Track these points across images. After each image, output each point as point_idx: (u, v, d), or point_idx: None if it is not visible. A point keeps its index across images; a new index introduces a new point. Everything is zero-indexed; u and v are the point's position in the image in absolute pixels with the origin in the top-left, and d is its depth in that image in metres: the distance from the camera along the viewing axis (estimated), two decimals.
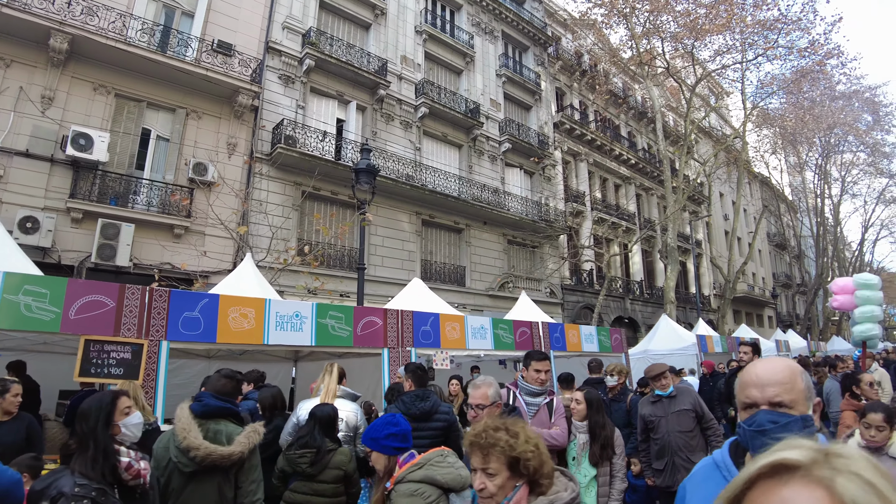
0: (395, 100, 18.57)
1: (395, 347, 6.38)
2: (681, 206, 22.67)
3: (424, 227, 18.80)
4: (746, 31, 22.50)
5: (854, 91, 31.55)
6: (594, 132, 26.81)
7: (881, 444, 3.45)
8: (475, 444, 1.93)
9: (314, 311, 5.87)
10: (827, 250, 37.50)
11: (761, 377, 1.53)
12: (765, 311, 40.73)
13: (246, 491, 3.07)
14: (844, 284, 6.43)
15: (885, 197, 39.80)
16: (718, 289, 32.05)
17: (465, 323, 7.23)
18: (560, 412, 4.39)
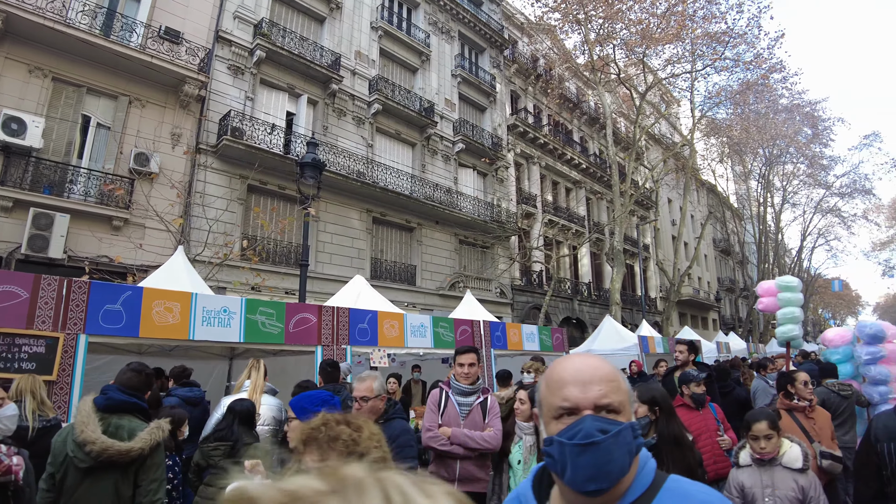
0: (347, 95, 18.37)
1: (330, 345, 6.28)
2: (628, 210, 23.16)
3: (375, 225, 18.66)
4: (696, 42, 23.19)
5: (796, 105, 32.84)
6: (547, 136, 27.14)
7: (773, 454, 3.27)
8: (312, 438, 1.69)
9: (243, 306, 5.71)
10: (768, 256, 38.93)
11: (583, 372, 1.16)
12: (709, 314, 42.10)
13: (145, 490, 2.94)
14: (768, 287, 6.59)
15: (822, 207, 41.59)
16: (664, 292, 32.87)
17: (405, 321, 7.18)
18: (495, 412, 4.22)
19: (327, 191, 16.72)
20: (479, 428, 4.08)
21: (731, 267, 47.98)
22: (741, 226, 46.09)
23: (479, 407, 4.18)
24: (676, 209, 38.69)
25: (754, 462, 3.35)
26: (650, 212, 33.20)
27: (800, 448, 3.29)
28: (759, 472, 3.31)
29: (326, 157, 16.44)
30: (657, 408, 3.18)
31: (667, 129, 41.09)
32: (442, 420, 4.09)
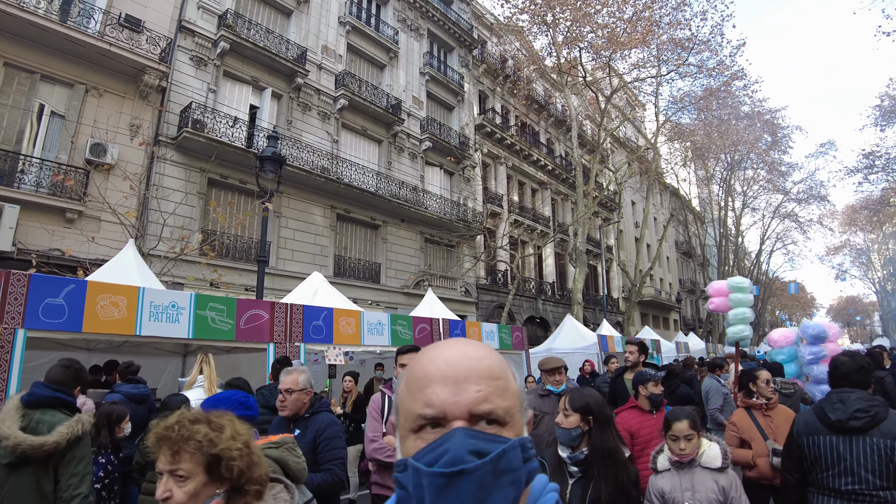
0: (313, 89, 18.15)
1: (283, 342, 6.18)
2: (591, 211, 23.44)
3: (339, 222, 18.49)
4: (662, 47, 23.60)
5: (756, 112, 33.71)
6: (514, 137, 27.29)
7: (692, 456, 3.10)
8: (165, 438, 1.51)
9: (193, 301, 5.58)
10: (728, 259, 39.91)
11: (456, 365, 0.81)
12: (670, 315, 43.01)
13: (65, 484, 2.86)
14: (719, 287, 6.66)
15: (780, 212, 42.93)
16: (626, 292, 33.37)
17: (362, 318, 7.11)
18: None
19: (290, 186, 16.52)
20: None
21: (693, 269, 49.03)
22: (702, 229, 47.12)
23: None
24: (640, 211, 39.31)
25: (673, 465, 3.19)
26: (613, 213, 33.68)
27: (718, 447, 3.15)
28: (678, 475, 3.16)
29: (290, 152, 16.23)
30: (591, 417, 2.75)
31: (632, 132, 41.74)
32: (386, 428, 3.80)
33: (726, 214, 40.28)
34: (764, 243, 45.30)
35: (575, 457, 2.69)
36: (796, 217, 43.21)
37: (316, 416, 3.51)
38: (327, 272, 17.00)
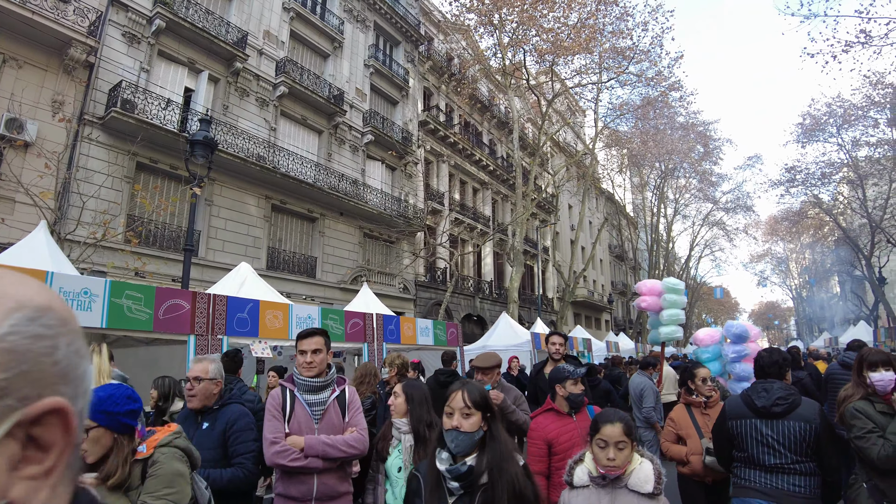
0: (252, 75, 17.58)
1: (204, 334, 5.88)
2: (529, 212, 23.73)
3: (274, 213, 17.96)
4: (604, 55, 24.08)
5: (691, 124, 34.95)
6: (457, 135, 27.33)
7: (621, 471, 2.53)
8: None
9: (107, 288, 5.22)
10: (659, 263, 41.33)
11: None
12: (602, 315, 44.36)
13: None
14: (652, 286, 6.74)
15: (709, 220, 44.85)
16: (561, 292, 34.02)
17: (290, 312, 6.86)
18: (356, 406, 3.48)
19: (224, 174, 15.95)
20: (338, 431, 3.32)
21: (625, 271, 50.55)
22: (635, 233, 48.63)
23: (336, 403, 3.39)
24: (576, 214, 40.17)
25: (593, 481, 2.61)
26: (551, 216, 34.24)
27: (651, 467, 2.56)
28: (598, 494, 2.58)
29: (225, 138, 15.66)
30: (489, 414, 2.27)
31: (572, 137, 42.62)
32: (289, 427, 3.26)
33: (658, 220, 41.71)
34: (693, 249, 47.27)
35: (456, 470, 2.15)
36: (724, 225, 45.31)
37: (226, 408, 3.35)
38: (260, 264, 16.51)
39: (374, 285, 20.15)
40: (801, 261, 62.86)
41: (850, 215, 37.57)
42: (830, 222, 37.28)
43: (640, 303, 6.75)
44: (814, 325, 63.14)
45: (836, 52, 17.70)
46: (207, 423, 3.28)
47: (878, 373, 3.41)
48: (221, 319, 6.03)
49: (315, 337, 3.37)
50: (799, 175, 32.97)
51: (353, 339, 7.79)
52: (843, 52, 17.63)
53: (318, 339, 3.37)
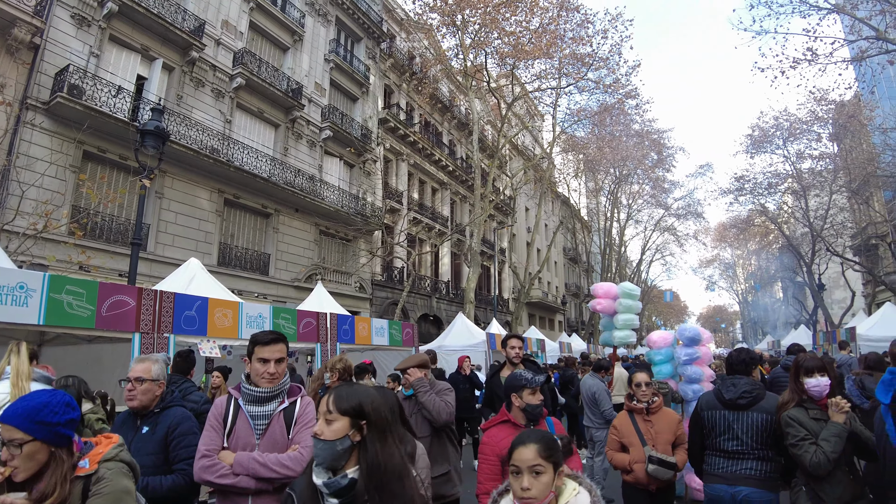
0: (208, 65, 17.11)
1: (150, 332, 5.66)
2: (487, 214, 23.85)
3: (227, 208, 17.52)
4: (563, 60, 24.39)
5: (646, 131, 35.79)
6: (417, 135, 27.24)
7: (539, 502, 2.03)
8: None
9: (46, 283, 4.96)
10: (612, 266, 42.27)
11: None
12: (556, 316, 45.17)
13: None
14: (608, 289, 6.81)
15: (660, 225, 46.11)
16: (516, 293, 34.35)
17: (240, 310, 6.67)
18: (305, 421, 2.98)
19: (175, 166, 15.48)
20: (281, 447, 2.88)
21: (578, 274, 51.52)
22: (589, 237, 49.59)
23: (282, 417, 2.97)
24: (532, 217, 40.69)
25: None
26: (508, 217, 34.53)
27: (589, 498, 2.12)
28: None
29: (178, 129, 15.19)
30: (364, 422, 1.98)
31: (530, 141, 43.13)
32: (229, 441, 2.89)
33: (612, 225, 42.63)
34: (644, 253, 48.66)
35: (335, 483, 1.89)
36: (675, 231, 46.64)
37: (168, 412, 3.17)
38: (211, 260, 16.10)
39: (330, 284, 19.89)
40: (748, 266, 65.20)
41: (794, 224, 39.09)
42: (775, 230, 38.68)
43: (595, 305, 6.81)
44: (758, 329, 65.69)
45: (785, 68, 18.36)
46: (147, 427, 3.12)
47: (814, 378, 3.51)
48: (168, 317, 5.82)
49: (279, 344, 2.99)
50: (747, 184, 34.07)
51: (306, 339, 7.64)
52: (790, 68, 18.27)
53: (282, 347, 3.00)
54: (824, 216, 31.47)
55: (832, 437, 3.22)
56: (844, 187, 30.25)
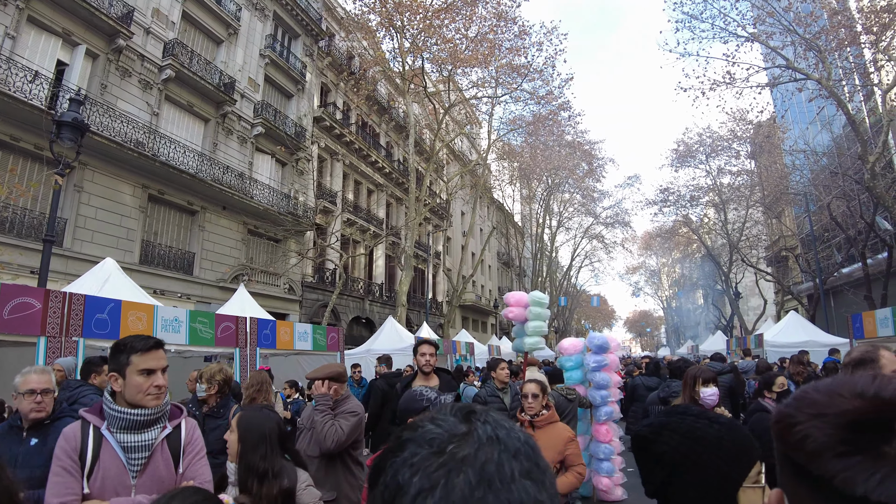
0: (136, 54, 16.48)
1: (58, 336, 5.47)
2: (422, 217, 23.99)
3: (151, 204, 16.92)
4: (500, 70, 24.81)
5: (577, 142, 36.82)
6: (353, 135, 27.08)
7: None
8: None
9: None
10: (542, 271, 43.34)
11: None
12: (489, 319, 45.95)
13: None
14: (519, 298, 7.02)
15: (589, 233, 47.68)
16: (450, 296, 34.67)
17: (155, 313, 6.53)
18: (196, 447, 2.51)
19: (97, 158, 14.86)
20: (167, 485, 2.33)
21: (511, 277, 52.49)
22: (522, 242, 50.64)
23: (166, 446, 2.41)
24: (467, 221, 41.17)
25: None
26: (444, 221, 34.80)
27: None
28: None
29: (101, 120, 14.58)
30: None
31: (467, 147, 43.66)
32: (91, 484, 2.25)
33: (543, 231, 43.78)
34: (574, 259, 50.23)
35: None
36: (603, 238, 48.28)
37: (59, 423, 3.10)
38: (132, 258, 15.54)
39: (258, 285, 19.54)
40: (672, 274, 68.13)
41: (714, 235, 41.24)
42: (697, 240, 40.54)
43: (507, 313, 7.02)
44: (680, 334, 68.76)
45: (705, 89, 19.32)
46: (37, 440, 3.06)
47: (709, 388, 3.83)
48: (78, 320, 5.64)
49: (161, 349, 2.42)
50: (671, 196, 35.68)
51: (224, 344, 7.54)
52: (710, 90, 19.27)
53: (159, 355, 2.42)
54: (741, 229, 33.42)
55: None
56: (760, 202, 32.16)
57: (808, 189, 25.19)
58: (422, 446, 0.56)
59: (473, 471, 0.52)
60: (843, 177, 22.13)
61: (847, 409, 0.58)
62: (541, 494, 0.53)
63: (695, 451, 1.11)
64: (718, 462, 1.16)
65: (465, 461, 0.53)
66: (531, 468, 0.55)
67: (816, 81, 17.36)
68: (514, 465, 0.54)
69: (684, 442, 1.12)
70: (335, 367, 4.02)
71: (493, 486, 0.51)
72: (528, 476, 0.53)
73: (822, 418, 0.59)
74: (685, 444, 1.11)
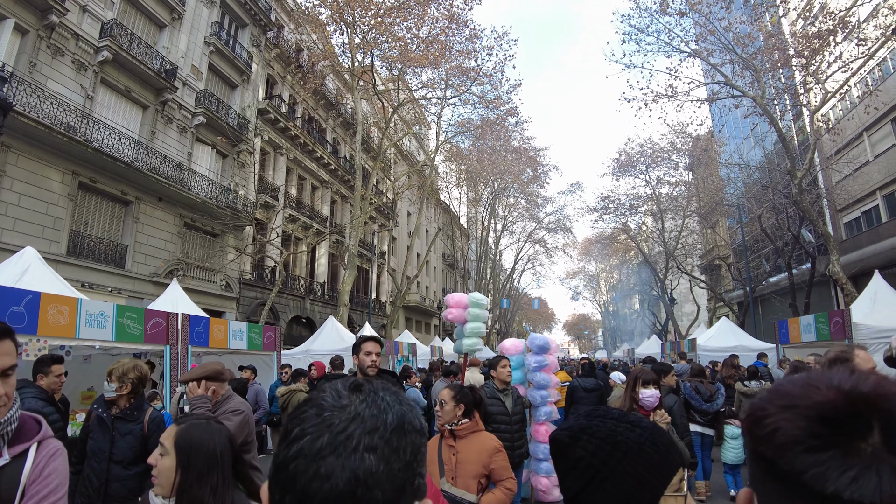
0: (71, 33, 15.57)
1: None
2: (367, 215, 23.72)
3: (81, 192, 16.03)
4: (450, 72, 24.82)
5: (523, 148, 37.28)
6: (299, 129, 26.52)
7: None
8: None
9: None
10: (486, 273, 43.74)
11: None
12: (432, 321, 46.06)
13: None
14: (459, 299, 6.98)
15: (532, 237, 48.72)
16: (394, 297, 34.48)
17: (79, 307, 6.12)
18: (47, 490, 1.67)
19: (22, 141, 13.99)
20: None
21: (455, 279, 52.72)
22: (467, 244, 51.01)
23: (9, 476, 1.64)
24: (413, 221, 41.12)
25: None
26: (389, 221, 34.59)
27: None
28: None
29: (28, 100, 13.71)
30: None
31: (415, 147, 43.61)
32: None
33: (488, 234, 44.23)
34: (517, 262, 51.14)
35: None
36: (545, 243, 49.28)
37: None
38: (59, 249, 14.70)
39: (193, 281, 18.86)
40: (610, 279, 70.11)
41: (651, 243, 42.60)
42: (635, 247, 41.72)
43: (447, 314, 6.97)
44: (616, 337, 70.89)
45: (648, 101, 19.86)
46: None
47: (649, 390, 3.86)
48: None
49: (6, 340, 1.67)
50: (612, 204, 36.69)
51: (154, 341, 7.17)
52: (653, 101, 19.82)
53: (10, 346, 1.70)
54: (677, 237, 34.63)
55: None
56: (696, 213, 33.37)
57: (741, 201, 26.27)
58: (313, 407, 0.69)
59: (330, 436, 0.64)
60: (773, 191, 23.18)
61: (820, 400, 0.58)
62: (378, 466, 0.64)
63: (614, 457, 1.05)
64: (639, 469, 1.11)
65: (330, 427, 0.65)
66: (378, 444, 0.65)
67: (752, 99, 18.10)
68: (364, 440, 0.65)
69: (603, 447, 1.06)
70: (212, 366, 3.79)
71: (337, 451, 0.63)
72: (370, 450, 0.64)
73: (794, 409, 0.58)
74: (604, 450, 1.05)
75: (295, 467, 0.63)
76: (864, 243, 22.33)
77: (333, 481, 0.62)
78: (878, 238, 21.49)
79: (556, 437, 1.20)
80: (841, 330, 9.47)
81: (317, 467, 0.63)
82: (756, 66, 18.11)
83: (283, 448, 0.66)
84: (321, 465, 0.63)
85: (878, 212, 22.13)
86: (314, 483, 0.62)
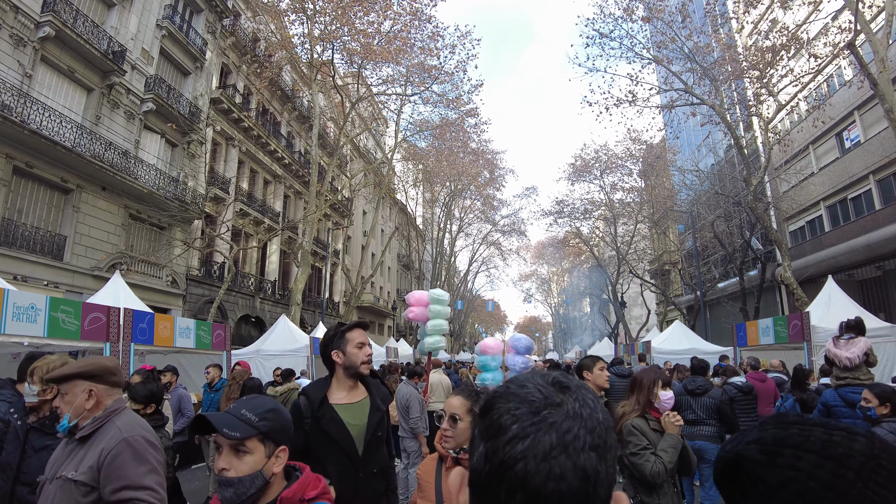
0: (9, 4, 14.42)
1: None
2: (322, 212, 23.12)
3: (16, 177, 14.93)
4: (411, 69, 24.48)
5: (481, 151, 37.40)
6: (253, 121, 25.66)
7: None
8: None
9: None
10: (441, 274, 43.73)
11: None
12: (386, 321, 45.68)
13: None
14: (420, 297, 6.75)
15: (487, 240, 49.15)
16: (348, 297, 33.91)
17: (5, 298, 5.51)
18: None
19: None
20: None
21: (410, 280, 52.46)
22: (422, 245, 50.90)
23: None
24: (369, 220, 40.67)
25: None
26: (344, 219, 33.97)
27: None
28: None
29: None
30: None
31: (372, 145, 43.11)
32: None
33: (444, 235, 44.27)
34: (472, 264, 51.69)
35: None
36: (500, 246, 49.69)
37: None
38: None
39: (137, 276, 17.97)
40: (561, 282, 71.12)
41: (603, 247, 43.37)
42: (587, 251, 42.40)
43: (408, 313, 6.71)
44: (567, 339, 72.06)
45: (609, 105, 20.05)
46: None
47: (667, 392, 3.72)
48: None
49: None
50: (566, 208, 37.21)
51: (92, 338, 6.57)
52: (614, 106, 20.01)
53: None
54: (629, 242, 35.35)
55: (669, 448, 3.38)
56: (647, 218, 34.08)
57: (693, 208, 26.86)
58: (523, 404, 0.70)
59: (557, 435, 0.66)
60: (725, 198, 23.76)
61: None
62: (600, 465, 0.66)
63: (843, 478, 0.70)
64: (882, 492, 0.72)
65: (553, 427, 0.67)
66: (599, 443, 0.67)
67: (710, 107, 18.45)
68: (588, 439, 0.66)
69: (824, 463, 0.71)
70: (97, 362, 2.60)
71: (567, 450, 0.64)
72: (594, 449, 0.66)
73: None
74: (825, 467, 0.70)
75: (524, 468, 0.63)
76: (808, 251, 23.13)
77: (568, 482, 0.63)
78: (821, 246, 22.27)
79: (742, 453, 0.83)
80: (800, 333, 9.64)
81: (549, 468, 0.63)
82: (714, 76, 18.47)
83: (504, 446, 0.66)
84: (553, 466, 0.63)
85: (821, 221, 22.98)
86: (549, 484, 0.62)
